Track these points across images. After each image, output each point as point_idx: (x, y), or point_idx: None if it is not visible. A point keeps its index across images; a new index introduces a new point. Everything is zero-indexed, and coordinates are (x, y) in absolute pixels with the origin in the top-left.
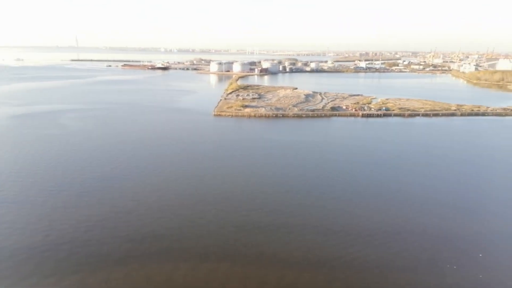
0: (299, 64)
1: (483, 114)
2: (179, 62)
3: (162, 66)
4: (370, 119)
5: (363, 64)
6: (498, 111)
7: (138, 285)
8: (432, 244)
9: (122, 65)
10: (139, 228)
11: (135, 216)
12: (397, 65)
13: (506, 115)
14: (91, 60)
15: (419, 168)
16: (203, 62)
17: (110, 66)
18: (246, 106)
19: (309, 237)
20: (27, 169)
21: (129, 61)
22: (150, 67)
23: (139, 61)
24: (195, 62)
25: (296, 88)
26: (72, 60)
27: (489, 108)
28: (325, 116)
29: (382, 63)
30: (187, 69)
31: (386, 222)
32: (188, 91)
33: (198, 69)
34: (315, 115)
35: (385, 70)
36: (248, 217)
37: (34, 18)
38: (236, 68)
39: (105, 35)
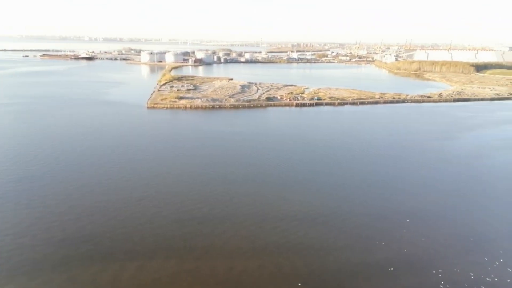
0: (234, 55)
1: (403, 101)
2: (105, 52)
3: (87, 55)
4: (304, 109)
5: (295, 55)
6: (416, 98)
7: (83, 286)
8: (365, 223)
9: (40, 55)
10: (73, 231)
11: (66, 218)
12: (327, 56)
13: (423, 101)
14: (4, 50)
15: (350, 153)
16: (132, 52)
17: (27, 56)
18: (181, 98)
19: (254, 226)
20: None
21: (48, 50)
22: (73, 57)
23: (60, 51)
24: (123, 51)
25: (232, 79)
26: None
27: (409, 96)
28: (261, 106)
29: (312, 54)
30: (115, 59)
31: (324, 205)
32: (118, 82)
33: (127, 59)
34: (252, 105)
35: (316, 61)
36: (189, 212)
37: None
38: (169, 59)
39: (20, 22)
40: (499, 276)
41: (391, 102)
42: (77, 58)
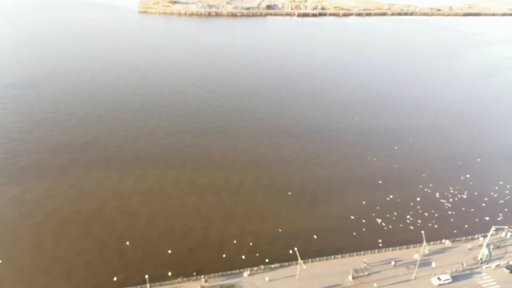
0: None
1: (412, 14)
2: None
3: None
4: (306, 19)
5: None
6: (425, 10)
7: (88, 189)
8: (359, 139)
9: None
10: (76, 138)
11: (68, 125)
12: None
13: (432, 14)
14: None
15: (350, 69)
16: None
17: None
18: (175, 2)
19: (252, 141)
20: None
21: None
22: None
23: None
24: None
25: None
26: None
27: (418, 8)
28: (261, 15)
29: None
30: None
31: (321, 122)
32: None
33: None
34: (251, 13)
35: None
36: (186, 123)
37: None
38: None
39: None
40: (483, 192)
41: (399, 14)
42: None
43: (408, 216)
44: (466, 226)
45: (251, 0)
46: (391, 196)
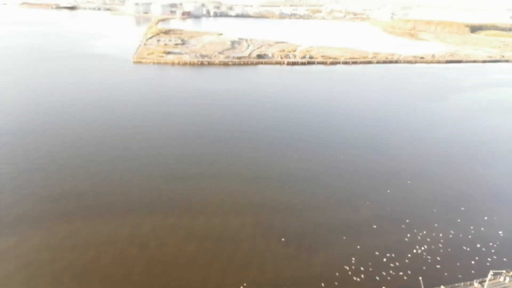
0: (224, 8)
1: (396, 62)
2: (88, 1)
3: (69, 5)
4: (295, 67)
5: (288, 10)
6: (409, 58)
7: (83, 239)
8: (352, 182)
9: (20, 4)
10: (71, 187)
11: (62, 175)
12: (320, 12)
13: (416, 62)
14: None
15: (340, 113)
16: (117, 1)
17: (5, 4)
18: (168, 53)
19: (236, 184)
20: None
21: None
22: (54, 6)
23: None
24: (107, 1)
25: (222, 34)
26: None
27: (402, 56)
28: (252, 64)
29: (306, 10)
30: (99, 9)
31: (313, 164)
32: (102, 34)
33: (111, 10)
34: (242, 62)
35: (309, 17)
36: (173, 168)
37: None
38: (156, 10)
39: None
40: (475, 235)
41: (384, 62)
42: (58, 7)
43: (407, 261)
44: (462, 271)
45: (242, 50)
46: (386, 241)
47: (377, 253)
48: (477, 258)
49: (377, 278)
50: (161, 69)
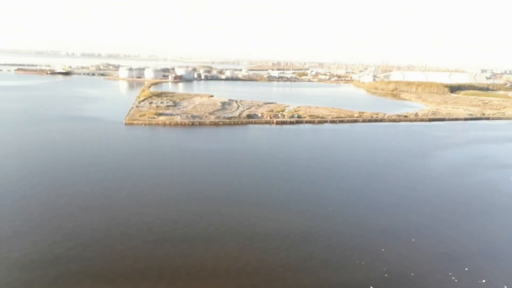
0: (214, 72)
1: (381, 120)
2: (83, 67)
3: (63, 71)
4: (284, 126)
5: (275, 73)
6: (393, 117)
7: None
8: (344, 242)
9: (15, 70)
10: (61, 252)
11: (52, 240)
12: (306, 75)
13: (400, 121)
14: None
15: (329, 172)
16: (111, 67)
17: (1, 70)
18: (160, 114)
19: (231, 247)
20: None
21: (23, 65)
22: (49, 72)
23: (36, 65)
24: (102, 67)
25: (212, 96)
26: None
27: (386, 115)
28: (242, 123)
29: (293, 73)
30: (93, 74)
31: (304, 224)
32: (95, 98)
33: (105, 75)
34: (232, 122)
35: (296, 80)
36: (165, 231)
37: None
38: (148, 75)
39: None
40: None
41: (369, 121)
42: (53, 73)
43: None
44: None
45: (232, 110)
46: None
47: None
48: None
49: None
50: (152, 130)
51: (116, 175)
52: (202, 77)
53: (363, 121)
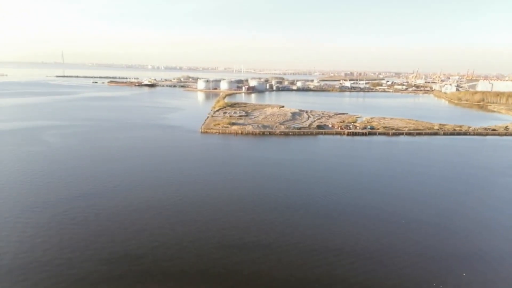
0: (286, 83)
1: (465, 134)
2: (166, 79)
3: (149, 83)
4: (356, 138)
5: (348, 84)
6: (479, 130)
7: None
8: (418, 263)
9: (108, 82)
10: (121, 249)
11: (117, 237)
12: (381, 85)
13: (487, 134)
14: (77, 77)
15: (404, 186)
16: (190, 79)
17: (96, 82)
18: (233, 124)
19: (303, 257)
20: (6, 186)
21: (115, 77)
22: (137, 84)
23: (126, 78)
24: (182, 79)
25: (283, 106)
26: (57, 76)
27: (471, 128)
28: (312, 134)
29: (366, 83)
30: (175, 86)
31: (374, 240)
32: (175, 108)
33: (185, 87)
34: (302, 133)
35: (370, 90)
36: (235, 237)
37: (19, 34)
38: (224, 86)
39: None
40: None
41: (451, 134)
42: (140, 85)
43: None
44: None
45: (302, 121)
46: None
47: None
48: None
49: None
50: (226, 139)
51: (188, 181)
52: (274, 88)
53: (444, 134)
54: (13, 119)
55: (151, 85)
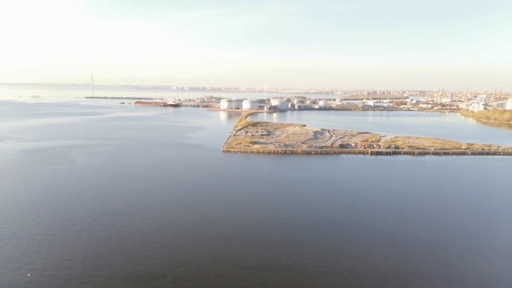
0: (308, 102)
1: (494, 153)
2: (190, 100)
3: (174, 103)
4: (380, 157)
5: (371, 103)
6: (510, 150)
7: None
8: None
9: (135, 102)
10: (142, 267)
11: (138, 255)
12: (405, 104)
13: None
14: (105, 98)
15: (430, 208)
16: (213, 99)
17: (123, 103)
18: (255, 143)
19: (318, 280)
20: (35, 204)
21: (141, 98)
22: (162, 104)
23: (151, 98)
24: (205, 99)
25: (305, 125)
26: (87, 98)
27: (500, 147)
28: (334, 153)
29: (390, 102)
30: (198, 106)
31: (397, 264)
32: (198, 127)
33: (208, 106)
34: (324, 152)
35: (393, 109)
36: (255, 257)
37: (52, 57)
38: (246, 106)
39: (120, 73)
40: None
41: (480, 153)
42: (165, 105)
43: None
44: None
45: (325, 140)
46: None
47: None
48: None
49: None
50: (248, 158)
51: (209, 201)
52: (296, 107)
53: (472, 153)
54: (43, 138)
55: (175, 105)
